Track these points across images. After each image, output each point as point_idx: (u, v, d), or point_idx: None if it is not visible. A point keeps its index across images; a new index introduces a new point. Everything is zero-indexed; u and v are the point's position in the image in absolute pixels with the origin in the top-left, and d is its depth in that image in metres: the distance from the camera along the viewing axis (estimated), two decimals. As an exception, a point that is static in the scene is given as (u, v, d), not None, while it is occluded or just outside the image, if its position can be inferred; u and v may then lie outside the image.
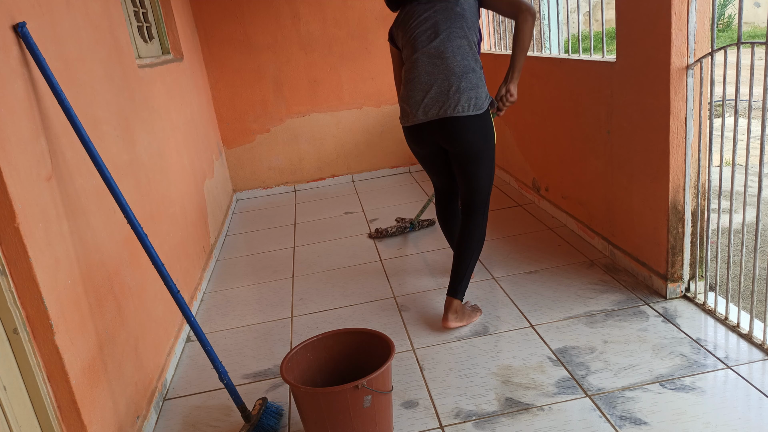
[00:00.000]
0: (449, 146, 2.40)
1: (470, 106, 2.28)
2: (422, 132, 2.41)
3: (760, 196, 2.02)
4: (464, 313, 2.51)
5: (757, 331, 2.17)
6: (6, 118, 1.48)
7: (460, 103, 2.28)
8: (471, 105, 2.28)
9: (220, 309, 3.03)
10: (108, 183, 1.81)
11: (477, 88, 2.30)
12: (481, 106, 2.30)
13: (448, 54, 2.30)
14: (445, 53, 2.30)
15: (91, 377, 1.72)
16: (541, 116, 3.67)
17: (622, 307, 2.51)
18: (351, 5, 4.78)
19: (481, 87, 2.33)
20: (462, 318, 2.50)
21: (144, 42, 3.29)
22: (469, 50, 2.32)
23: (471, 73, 2.31)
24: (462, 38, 2.30)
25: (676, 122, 2.32)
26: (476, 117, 2.31)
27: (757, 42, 1.95)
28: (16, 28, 1.60)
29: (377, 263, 3.31)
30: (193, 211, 3.38)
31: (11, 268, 1.48)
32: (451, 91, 2.28)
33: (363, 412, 1.73)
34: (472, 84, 2.30)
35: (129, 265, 2.19)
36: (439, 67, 2.31)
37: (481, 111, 2.31)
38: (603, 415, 1.87)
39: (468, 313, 2.53)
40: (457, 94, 2.28)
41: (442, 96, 2.30)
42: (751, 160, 4.63)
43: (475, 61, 2.34)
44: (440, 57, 2.31)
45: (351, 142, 5.14)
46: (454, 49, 2.29)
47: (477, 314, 2.56)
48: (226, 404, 2.21)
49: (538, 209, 3.84)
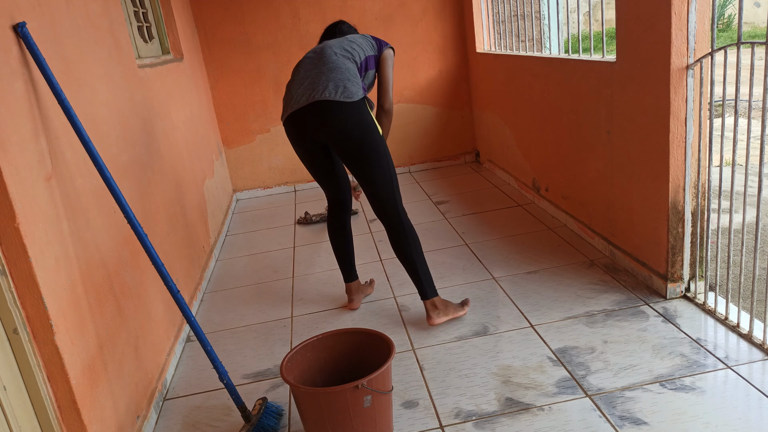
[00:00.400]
0: (325, 138, 2.40)
1: (338, 93, 2.31)
2: (296, 124, 2.43)
3: (760, 196, 2.02)
4: (447, 307, 2.54)
5: (757, 331, 2.17)
6: (6, 118, 1.48)
7: (328, 89, 2.32)
8: (339, 92, 2.32)
9: (220, 309, 3.03)
10: (108, 183, 1.81)
11: (348, 81, 2.35)
12: (350, 96, 2.32)
13: (326, 55, 2.42)
14: (325, 55, 2.43)
15: (91, 377, 1.72)
16: (541, 116, 3.67)
17: (622, 307, 2.51)
18: (351, 5, 4.79)
19: (354, 81, 2.36)
20: (447, 312, 2.53)
21: (144, 42, 3.29)
22: (350, 61, 2.44)
23: (345, 70, 2.38)
24: (346, 54, 2.46)
25: (676, 122, 2.32)
26: (346, 104, 2.32)
27: (757, 42, 1.95)
28: (16, 28, 1.60)
29: (377, 263, 3.31)
30: (193, 211, 3.38)
31: (11, 268, 1.48)
32: (321, 79, 2.36)
33: (363, 412, 1.73)
34: (345, 77, 2.35)
35: (129, 265, 2.19)
36: (316, 64, 2.42)
37: (350, 99, 2.31)
38: (603, 415, 1.87)
39: (453, 306, 2.56)
40: (327, 82, 2.34)
41: (313, 84, 2.37)
42: (751, 160, 4.63)
43: (356, 68, 2.44)
44: (320, 58, 2.43)
45: (351, 142, 5.14)
46: (331, 55, 2.42)
47: (465, 307, 2.59)
48: (226, 404, 2.21)
49: (538, 209, 3.84)
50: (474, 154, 5.35)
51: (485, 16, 4.71)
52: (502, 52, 4.33)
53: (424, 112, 5.16)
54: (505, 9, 4.29)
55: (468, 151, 5.35)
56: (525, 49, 4.08)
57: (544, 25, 4.82)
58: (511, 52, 4.21)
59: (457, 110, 5.21)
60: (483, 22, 4.74)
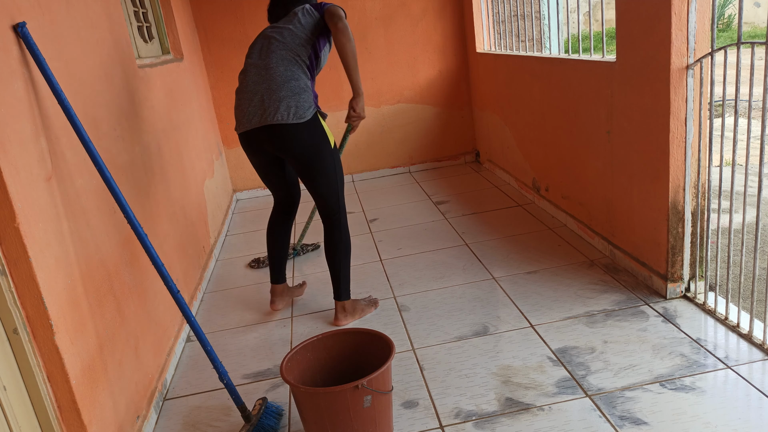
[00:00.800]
0: (279, 153, 2.48)
1: (290, 114, 2.36)
2: (250, 139, 2.49)
3: (760, 196, 2.02)
4: (355, 309, 2.70)
5: (757, 331, 2.17)
6: (6, 118, 1.48)
7: (279, 111, 2.36)
8: (291, 114, 2.36)
9: (220, 309, 3.03)
10: (108, 183, 1.81)
11: (297, 96, 2.37)
12: (302, 115, 2.37)
13: (272, 65, 2.41)
14: (270, 64, 2.41)
15: (91, 377, 1.72)
16: (541, 116, 3.67)
17: (622, 307, 2.51)
18: (351, 5, 4.79)
19: (303, 96, 2.39)
20: (354, 313, 2.69)
21: (144, 42, 3.29)
22: (296, 63, 2.42)
23: (293, 81, 2.39)
24: (290, 51, 2.42)
25: (676, 122, 2.32)
26: (298, 125, 2.37)
27: (757, 42, 1.95)
28: (16, 28, 1.60)
29: (377, 263, 3.31)
30: (193, 211, 3.38)
31: (11, 268, 1.48)
32: (271, 99, 2.38)
33: (363, 412, 1.73)
34: (293, 92, 2.37)
35: (129, 265, 2.19)
36: (263, 77, 2.42)
37: (302, 120, 2.37)
38: (603, 415, 1.87)
39: (361, 307, 2.72)
40: (276, 103, 2.37)
41: (263, 104, 2.40)
42: (751, 160, 4.63)
43: (303, 73, 2.43)
44: (265, 68, 2.42)
45: (351, 142, 5.14)
46: (278, 60, 2.41)
47: (371, 307, 2.75)
48: (226, 404, 2.21)
49: (538, 209, 3.84)
50: (474, 154, 5.35)
51: (485, 16, 4.71)
52: (502, 52, 4.33)
53: (424, 112, 5.16)
54: (505, 9, 4.29)
55: (468, 151, 5.35)
56: (525, 49, 4.08)
57: (544, 25, 4.82)
58: (511, 52, 4.21)
59: (457, 110, 5.21)
60: (483, 22, 4.74)
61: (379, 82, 5.01)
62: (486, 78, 4.66)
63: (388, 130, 5.16)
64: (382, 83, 5.01)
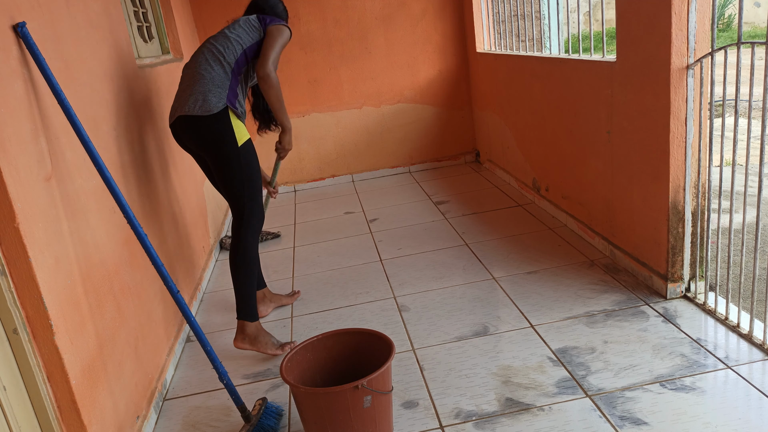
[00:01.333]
0: (192, 147, 2.51)
1: (197, 107, 2.39)
2: (175, 132, 2.54)
3: (760, 196, 2.02)
4: (257, 338, 2.44)
5: (757, 331, 2.17)
6: (6, 118, 1.48)
7: (188, 103, 2.41)
8: (197, 106, 2.39)
9: (220, 309, 3.03)
10: (108, 183, 1.81)
11: (208, 91, 2.40)
12: (208, 109, 2.38)
13: (196, 64, 2.47)
14: (195, 64, 2.48)
15: (90, 377, 1.72)
16: (541, 116, 3.67)
17: (622, 307, 2.51)
18: (351, 5, 4.79)
19: (215, 91, 2.40)
20: (254, 342, 2.43)
21: (144, 42, 3.29)
22: (218, 63, 2.45)
23: (208, 77, 2.43)
24: (217, 53, 2.46)
25: (676, 122, 2.32)
26: (203, 118, 2.38)
27: (757, 42, 1.95)
28: (16, 28, 1.60)
29: (377, 263, 3.31)
30: (193, 211, 3.38)
31: (11, 268, 1.48)
32: (188, 92, 2.43)
33: (363, 412, 1.73)
34: (205, 87, 2.41)
35: (129, 265, 2.19)
36: (187, 74, 2.50)
37: (208, 113, 2.38)
38: (603, 416, 1.87)
39: (264, 341, 2.45)
40: (189, 95, 2.43)
41: (179, 99, 2.46)
42: (751, 160, 4.63)
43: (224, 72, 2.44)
44: (191, 68, 2.50)
45: (351, 142, 5.15)
46: (202, 60, 2.46)
47: (278, 349, 2.46)
48: (226, 404, 2.21)
49: (538, 209, 3.84)
50: (474, 154, 5.35)
51: (485, 16, 4.71)
52: (502, 52, 4.33)
53: (424, 112, 5.16)
54: (505, 9, 4.29)
55: (468, 151, 5.35)
56: (525, 49, 4.08)
57: (544, 25, 4.82)
58: (511, 52, 4.21)
59: (457, 110, 5.21)
60: (483, 21, 4.74)
61: (379, 81, 5.01)
62: (486, 78, 4.66)
63: (388, 130, 5.16)
64: (382, 83, 5.01)
